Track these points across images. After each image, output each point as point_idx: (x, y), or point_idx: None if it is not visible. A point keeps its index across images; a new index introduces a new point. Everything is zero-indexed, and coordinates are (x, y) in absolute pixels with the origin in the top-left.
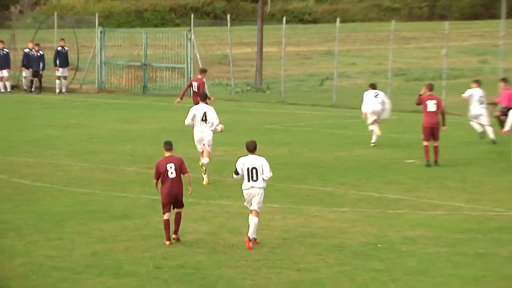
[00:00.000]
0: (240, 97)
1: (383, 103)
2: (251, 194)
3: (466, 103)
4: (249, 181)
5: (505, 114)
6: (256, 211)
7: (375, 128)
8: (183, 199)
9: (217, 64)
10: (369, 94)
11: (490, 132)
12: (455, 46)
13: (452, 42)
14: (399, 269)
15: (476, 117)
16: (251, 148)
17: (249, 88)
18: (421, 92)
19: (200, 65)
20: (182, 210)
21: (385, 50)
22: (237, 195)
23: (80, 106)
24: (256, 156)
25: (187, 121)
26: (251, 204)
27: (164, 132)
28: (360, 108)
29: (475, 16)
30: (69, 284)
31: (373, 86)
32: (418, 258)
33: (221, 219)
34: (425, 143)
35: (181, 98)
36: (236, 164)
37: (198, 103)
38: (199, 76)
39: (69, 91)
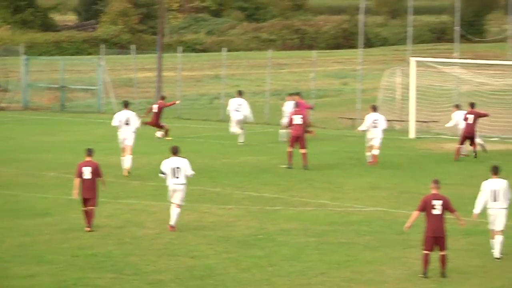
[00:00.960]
0: (142, 113)
1: (244, 111)
2: (175, 190)
3: (331, 118)
4: (172, 178)
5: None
6: (179, 204)
7: (237, 130)
8: (97, 198)
9: (124, 86)
10: (234, 102)
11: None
12: (321, 71)
13: (318, 67)
14: (276, 255)
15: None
16: (174, 151)
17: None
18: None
19: (110, 87)
20: (95, 208)
21: (264, 74)
22: (142, 195)
23: (8, 122)
24: (178, 157)
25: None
26: (174, 198)
27: (79, 143)
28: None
29: (337, 46)
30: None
31: (240, 93)
32: (291, 246)
33: (128, 215)
34: (289, 149)
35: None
36: (161, 166)
37: (156, 122)
38: (160, 101)
39: None
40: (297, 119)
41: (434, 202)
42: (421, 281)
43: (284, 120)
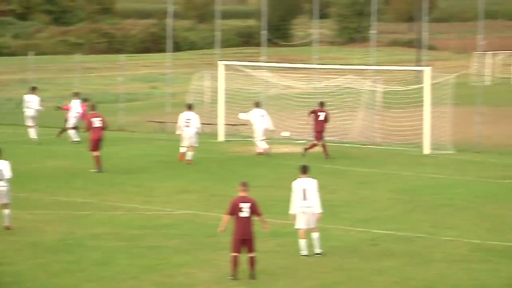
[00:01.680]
0: None
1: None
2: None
3: (140, 121)
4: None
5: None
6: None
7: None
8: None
9: None
10: (185, 116)
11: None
12: (130, 75)
13: (127, 71)
14: (86, 260)
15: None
16: None
17: None
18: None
19: None
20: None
21: (72, 79)
22: None
23: None
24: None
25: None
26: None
27: None
28: (50, 126)
29: (146, 50)
30: None
31: (190, 107)
32: (102, 251)
33: None
34: (95, 153)
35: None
36: None
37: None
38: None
39: None
40: (97, 122)
41: (242, 205)
42: (230, 283)
43: (72, 121)
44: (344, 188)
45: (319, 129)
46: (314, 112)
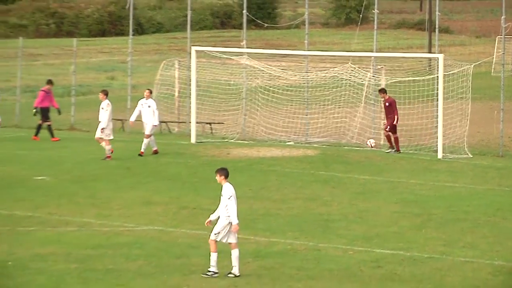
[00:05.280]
0: None
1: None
2: None
3: (96, 118)
4: None
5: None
6: None
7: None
8: None
9: None
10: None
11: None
12: (84, 63)
13: (80, 58)
14: (29, 286)
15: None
16: None
17: None
18: None
19: None
20: None
21: (14, 67)
22: None
23: None
24: None
25: None
26: None
27: None
28: None
29: (103, 33)
30: None
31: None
32: (49, 275)
33: None
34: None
35: None
36: None
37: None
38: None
39: None
40: None
41: None
42: None
43: None
44: (340, 200)
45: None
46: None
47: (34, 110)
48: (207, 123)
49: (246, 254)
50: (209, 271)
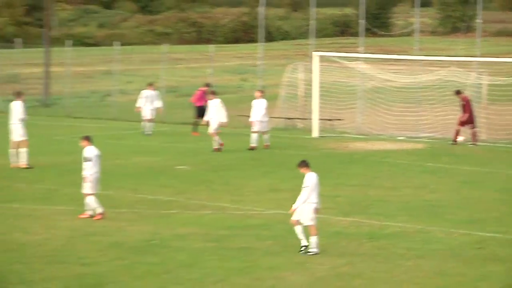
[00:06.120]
0: (29, 111)
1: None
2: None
3: (229, 116)
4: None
5: None
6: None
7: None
8: None
9: (9, 82)
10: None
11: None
12: (219, 66)
13: (217, 62)
14: (171, 262)
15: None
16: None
17: (37, 103)
18: None
19: None
20: None
21: (158, 70)
22: (27, 199)
23: None
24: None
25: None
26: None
27: None
28: (136, 121)
29: (236, 40)
30: None
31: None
32: (188, 252)
33: (12, 221)
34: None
35: None
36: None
37: None
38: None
39: None
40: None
41: None
42: (325, 287)
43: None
44: (446, 188)
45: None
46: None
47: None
48: (328, 120)
49: (361, 236)
50: (309, 251)
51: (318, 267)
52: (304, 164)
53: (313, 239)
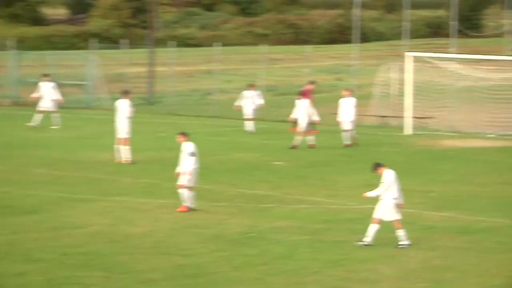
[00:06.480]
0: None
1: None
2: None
3: (325, 113)
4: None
5: None
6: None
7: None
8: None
9: (115, 82)
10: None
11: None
12: (315, 66)
13: (313, 62)
14: (268, 254)
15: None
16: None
17: (142, 101)
18: None
19: (103, 82)
20: None
21: (257, 70)
22: (133, 192)
23: None
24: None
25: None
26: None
27: (69, 139)
28: (235, 118)
29: (332, 41)
30: None
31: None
32: (284, 245)
33: (119, 213)
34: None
35: None
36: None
37: None
38: None
39: None
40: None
41: None
42: (417, 280)
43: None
44: None
45: None
46: None
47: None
48: (420, 118)
49: (453, 230)
50: (400, 244)
51: (411, 260)
52: (377, 166)
53: (401, 232)
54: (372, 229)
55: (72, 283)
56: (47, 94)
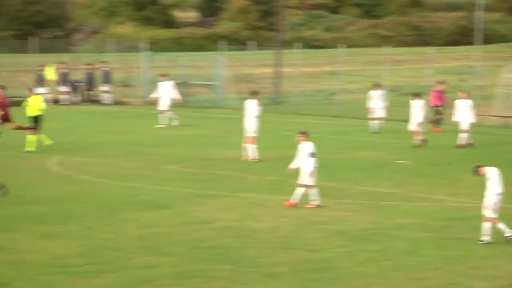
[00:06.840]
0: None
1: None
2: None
3: (448, 114)
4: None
5: None
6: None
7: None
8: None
9: (242, 82)
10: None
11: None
12: (438, 67)
13: (436, 63)
14: (391, 250)
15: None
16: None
17: (269, 101)
18: None
19: (231, 83)
20: None
21: (381, 71)
22: (259, 189)
23: (130, 116)
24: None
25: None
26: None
27: (199, 137)
28: (359, 118)
29: (454, 42)
30: (122, 261)
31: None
32: (407, 241)
33: (245, 209)
34: None
35: None
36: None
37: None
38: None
39: (119, 103)
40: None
41: None
42: None
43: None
44: None
45: None
46: None
47: (435, 108)
48: None
49: None
50: (481, 241)
51: None
52: (477, 168)
53: (501, 226)
54: (486, 227)
55: (202, 275)
56: (166, 94)
